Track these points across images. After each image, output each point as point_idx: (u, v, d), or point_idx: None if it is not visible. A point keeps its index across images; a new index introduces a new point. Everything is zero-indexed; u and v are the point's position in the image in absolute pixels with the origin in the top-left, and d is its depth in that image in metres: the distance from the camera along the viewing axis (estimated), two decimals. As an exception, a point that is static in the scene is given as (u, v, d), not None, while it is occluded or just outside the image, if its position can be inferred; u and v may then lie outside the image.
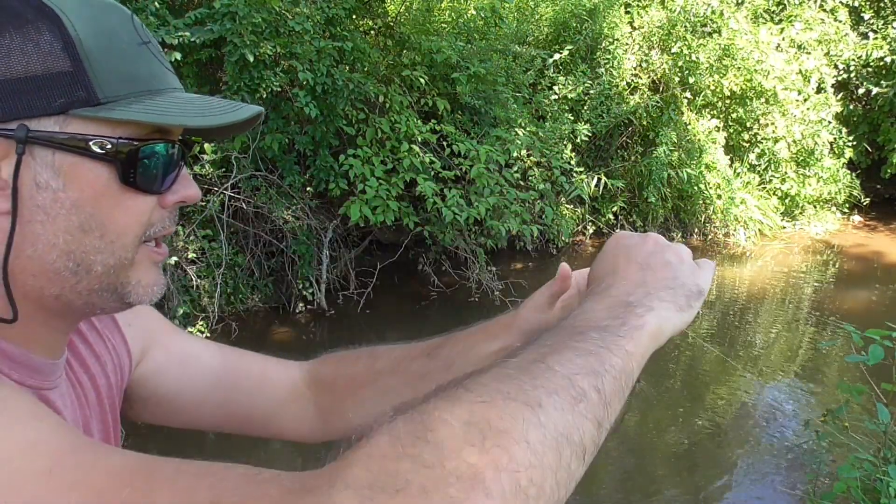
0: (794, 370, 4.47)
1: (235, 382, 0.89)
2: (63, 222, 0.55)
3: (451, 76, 5.54)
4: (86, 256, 0.57)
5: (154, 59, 0.59)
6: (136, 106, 0.55)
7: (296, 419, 0.94)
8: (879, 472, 2.18)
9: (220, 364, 0.89)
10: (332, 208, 5.24)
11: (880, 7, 9.55)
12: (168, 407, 0.86)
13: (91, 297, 0.59)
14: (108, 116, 0.54)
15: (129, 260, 0.59)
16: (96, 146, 0.54)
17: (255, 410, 0.91)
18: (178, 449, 2.38)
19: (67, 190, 0.54)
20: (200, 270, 4.27)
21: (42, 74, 0.52)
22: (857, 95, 9.57)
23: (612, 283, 0.62)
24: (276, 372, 0.93)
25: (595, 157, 7.48)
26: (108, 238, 0.57)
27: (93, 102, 0.54)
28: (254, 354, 0.94)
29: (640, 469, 3.16)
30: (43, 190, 0.54)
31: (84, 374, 0.70)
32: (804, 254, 7.59)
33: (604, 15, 7.36)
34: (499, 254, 5.94)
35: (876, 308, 5.81)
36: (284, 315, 4.87)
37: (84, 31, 0.54)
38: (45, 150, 0.53)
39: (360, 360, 0.92)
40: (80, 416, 0.67)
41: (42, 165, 0.53)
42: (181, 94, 0.60)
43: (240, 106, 0.62)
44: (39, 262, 0.55)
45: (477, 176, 5.05)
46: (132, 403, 0.82)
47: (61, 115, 0.53)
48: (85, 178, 0.55)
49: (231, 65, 4.17)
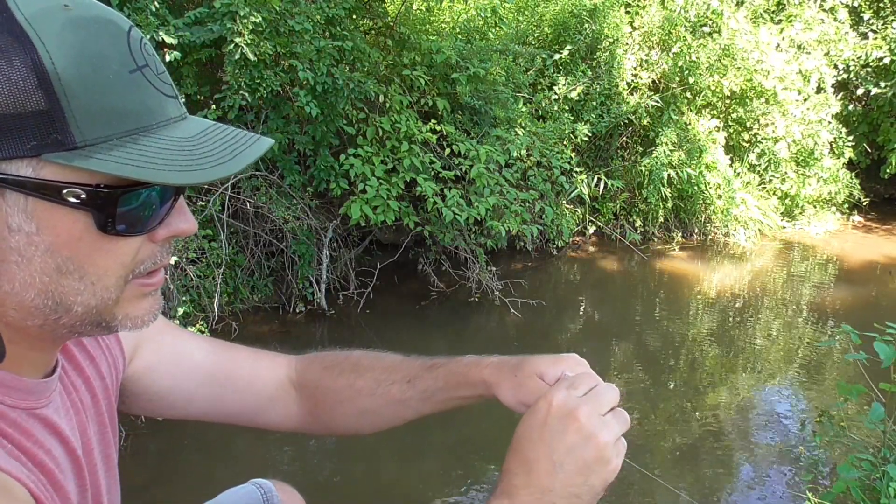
0: (793, 370, 4.48)
1: (225, 380, 0.90)
2: (39, 264, 0.51)
3: (451, 76, 5.55)
4: (64, 297, 0.53)
5: (148, 86, 0.53)
6: (118, 152, 0.49)
7: (283, 414, 0.95)
8: (879, 472, 2.18)
9: (212, 362, 0.89)
10: (332, 208, 5.24)
11: (880, 7, 9.55)
12: (160, 402, 0.86)
13: (75, 329, 0.57)
14: (82, 166, 0.48)
15: (112, 300, 0.56)
16: (70, 196, 0.50)
17: (244, 406, 0.92)
18: (178, 448, 2.40)
19: (41, 234, 0.51)
20: (200, 270, 4.27)
21: (13, 113, 0.47)
22: (857, 95, 9.57)
23: (519, 485, 0.66)
24: (265, 369, 0.93)
25: (595, 157, 7.48)
26: (89, 280, 0.54)
27: (69, 146, 0.48)
28: (244, 350, 0.95)
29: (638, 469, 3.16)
30: (16, 233, 0.50)
31: (79, 377, 0.71)
32: (804, 254, 7.59)
33: (604, 15, 7.36)
34: (499, 254, 5.95)
35: (876, 308, 5.81)
36: (284, 315, 4.87)
37: (64, 62, 0.48)
38: (16, 193, 0.49)
39: (343, 375, 0.92)
40: (77, 423, 0.67)
41: (14, 209, 0.49)
42: (176, 132, 0.54)
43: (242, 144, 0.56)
44: (18, 298, 0.53)
45: (477, 176, 5.05)
46: (125, 398, 0.83)
47: (34, 158, 0.48)
48: (60, 225, 0.51)
49: (231, 64, 4.17)
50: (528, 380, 0.78)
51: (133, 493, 2.87)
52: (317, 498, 2.92)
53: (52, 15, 0.49)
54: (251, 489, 1.06)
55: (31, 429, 0.58)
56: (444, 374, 0.86)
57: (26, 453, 0.56)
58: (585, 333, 5.16)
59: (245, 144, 0.57)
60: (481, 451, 3.33)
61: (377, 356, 0.94)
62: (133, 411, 0.86)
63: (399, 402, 0.89)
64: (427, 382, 0.87)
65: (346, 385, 0.91)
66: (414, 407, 0.89)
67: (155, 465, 3.13)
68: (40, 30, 0.48)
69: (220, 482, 1.09)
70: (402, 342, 4.59)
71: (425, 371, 0.88)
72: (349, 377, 0.91)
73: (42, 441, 0.59)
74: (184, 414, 0.90)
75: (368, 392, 0.90)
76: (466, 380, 0.84)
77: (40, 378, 0.61)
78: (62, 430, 0.62)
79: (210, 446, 3.31)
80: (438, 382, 0.86)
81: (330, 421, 0.94)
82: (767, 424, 3.71)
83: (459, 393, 0.85)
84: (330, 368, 0.93)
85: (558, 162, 5.99)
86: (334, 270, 5.22)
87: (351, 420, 0.93)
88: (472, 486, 3.05)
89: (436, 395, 0.86)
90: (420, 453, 3.36)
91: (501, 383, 0.80)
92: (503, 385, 0.80)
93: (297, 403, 0.94)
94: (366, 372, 0.91)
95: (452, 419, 3.62)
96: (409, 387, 0.87)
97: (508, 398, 0.79)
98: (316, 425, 0.96)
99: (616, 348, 4.83)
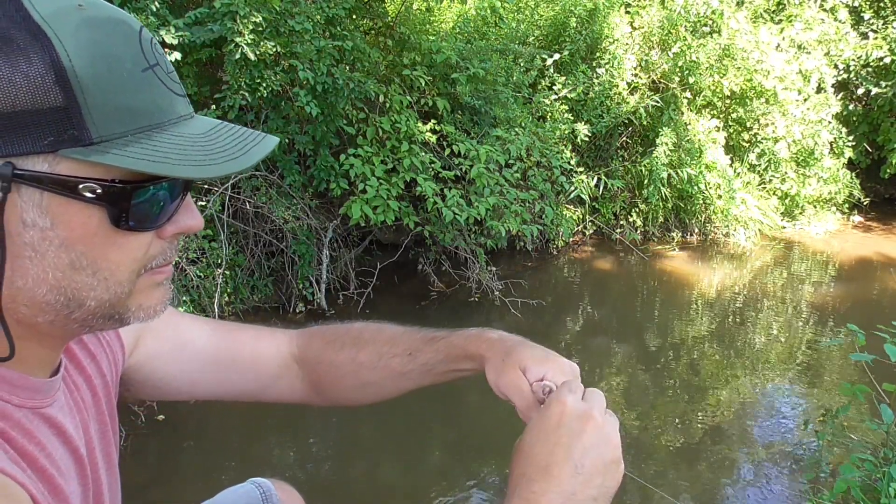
0: (794, 370, 4.47)
1: (230, 362, 0.91)
2: (52, 259, 0.52)
3: (451, 76, 5.55)
4: (77, 293, 0.54)
5: (160, 85, 0.54)
6: (133, 148, 0.50)
7: (287, 390, 0.96)
8: (880, 472, 2.18)
9: (214, 345, 0.90)
10: (332, 208, 5.24)
11: (880, 7, 9.55)
12: (165, 388, 0.87)
13: (86, 324, 0.57)
14: (99, 161, 0.49)
15: (125, 294, 0.57)
16: (86, 191, 0.50)
17: (249, 385, 0.93)
18: (178, 448, 2.40)
19: (56, 229, 0.51)
20: (200, 270, 4.27)
21: (31, 109, 0.47)
22: (857, 95, 9.57)
23: (539, 491, 0.64)
24: (266, 347, 0.94)
25: (595, 157, 7.48)
26: (101, 275, 0.54)
27: (85, 142, 0.49)
28: (245, 330, 0.96)
29: (638, 469, 3.16)
30: (30, 228, 0.51)
31: (80, 375, 0.71)
32: (804, 254, 7.59)
33: (604, 15, 7.36)
34: (499, 254, 5.94)
35: (876, 308, 5.81)
36: (284, 315, 4.87)
37: (81, 59, 0.49)
38: (32, 189, 0.49)
39: (345, 348, 0.93)
40: (80, 420, 0.67)
41: (29, 204, 0.50)
42: (187, 129, 0.55)
43: (250, 141, 0.57)
44: (30, 294, 0.53)
45: (477, 176, 5.05)
46: (129, 386, 0.83)
47: (51, 154, 0.49)
48: (75, 220, 0.51)
49: (231, 64, 4.17)
50: (510, 369, 0.78)
51: (133, 492, 2.87)
52: (317, 498, 2.92)
53: (68, 14, 0.49)
54: (250, 488, 1.06)
55: (34, 429, 0.58)
56: (445, 346, 0.87)
57: (28, 457, 0.56)
58: (585, 333, 5.15)
59: (254, 142, 0.58)
60: (481, 450, 3.32)
61: (378, 328, 0.95)
62: (139, 397, 0.87)
63: (400, 374, 0.90)
64: (428, 355, 0.88)
65: (349, 359, 0.92)
66: (415, 379, 0.90)
67: (155, 465, 3.13)
68: (57, 28, 0.48)
69: (220, 482, 1.10)
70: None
71: (426, 344, 0.89)
72: (351, 351, 0.92)
73: (44, 442, 0.59)
74: (188, 396, 0.91)
75: (370, 365, 0.91)
76: (466, 353, 0.85)
77: (46, 377, 0.61)
78: (66, 429, 0.63)
79: (210, 446, 3.31)
80: (439, 355, 0.87)
81: (333, 394, 0.95)
82: (768, 424, 3.71)
83: (459, 366, 0.87)
84: (332, 343, 0.94)
85: (558, 162, 5.99)
86: (334, 270, 5.22)
87: (353, 392, 0.94)
88: (472, 485, 3.05)
89: (436, 368, 0.88)
90: (420, 452, 3.36)
91: (490, 362, 0.81)
92: (490, 364, 0.81)
93: (300, 378, 0.95)
94: (367, 345, 0.92)
95: (452, 418, 3.62)
96: (410, 359, 0.89)
97: (491, 378, 0.81)
98: (319, 398, 0.97)
99: (616, 348, 4.82)
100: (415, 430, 3.54)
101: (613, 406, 3.83)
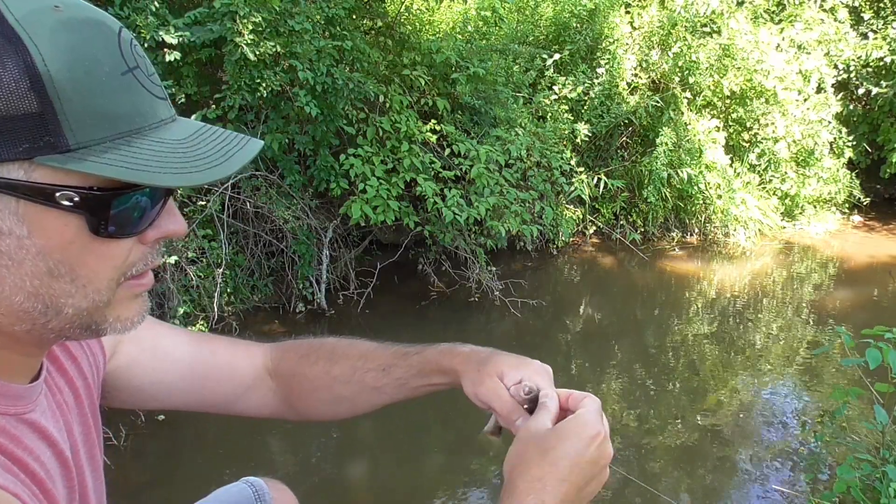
0: (793, 370, 4.48)
1: (204, 372, 0.92)
2: (30, 267, 0.51)
3: (451, 76, 5.55)
4: (55, 300, 0.53)
5: (140, 88, 0.52)
6: (112, 155, 0.49)
7: (259, 403, 0.97)
8: (879, 472, 2.18)
9: (191, 355, 0.91)
10: (332, 208, 5.24)
11: (880, 7, 9.55)
12: (141, 395, 0.88)
13: (63, 333, 0.56)
14: (77, 169, 0.48)
15: (103, 302, 0.56)
16: (63, 199, 0.49)
17: (221, 396, 0.94)
18: (178, 448, 2.40)
19: (33, 237, 0.50)
20: (200, 270, 4.27)
21: (4, 116, 0.46)
22: (857, 95, 9.57)
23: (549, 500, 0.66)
24: (242, 359, 0.95)
25: (595, 157, 7.48)
26: (80, 282, 0.53)
27: (62, 149, 0.47)
28: (221, 341, 0.96)
29: (638, 469, 3.16)
30: (6, 236, 0.49)
31: (62, 378, 0.71)
32: (804, 254, 7.59)
33: (604, 15, 7.36)
34: (499, 254, 5.94)
35: (876, 308, 5.81)
36: (284, 315, 4.87)
37: (57, 64, 0.47)
38: (7, 196, 0.48)
39: (319, 362, 0.94)
40: (63, 423, 0.67)
41: (5, 212, 0.49)
42: (168, 133, 0.54)
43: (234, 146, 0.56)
44: (7, 302, 0.52)
45: (477, 176, 5.05)
46: (106, 393, 0.83)
47: (27, 161, 0.48)
48: (52, 228, 0.50)
49: (231, 64, 4.17)
50: (487, 378, 0.79)
51: (133, 492, 2.88)
52: (315, 498, 2.93)
53: (44, 16, 0.48)
54: (243, 487, 1.07)
55: (20, 435, 0.58)
56: (419, 361, 0.88)
57: (18, 463, 0.56)
58: (585, 333, 5.16)
59: (237, 146, 0.56)
60: (480, 451, 3.32)
61: (351, 343, 0.96)
62: (114, 405, 0.87)
63: (374, 389, 0.91)
64: (401, 370, 0.89)
65: (323, 373, 0.93)
66: (388, 394, 0.91)
67: (155, 465, 3.13)
68: (32, 32, 0.47)
69: (220, 482, 1.10)
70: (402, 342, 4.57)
71: (399, 359, 0.90)
72: (325, 365, 0.93)
73: (31, 447, 0.59)
74: (162, 406, 0.92)
75: (344, 380, 0.91)
76: (439, 367, 0.86)
77: (27, 383, 0.61)
78: (50, 433, 0.62)
79: (210, 446, 3.31)
80: (412, 370, 0.88)
81: (305, 408, 0.96)
82: (767, 424, 3.71)
83: (432, 381, 0.88)
84: (306, 356, 0.95)
85: (558, 162, 5.99)
86: (334, 270, 5.22)
87: (326, 407, 0.95)
88: (472, 485, 3.05)
89: (410, 383, 0.89)
90: (418, 453, 3.36)
91: (465, 375, 0.82)
92: (466, 377, 0.82)
93: (272, 391, 0.96)
94: (341, 360, 0.93)
95: (452, 418, 3.62)
96: (384, 374, 0.90)
97: (469, 390, 0.82)
98: (291, 412, 0.98)
99: (616, 348, 4.83)
100: (414, 431, 3.54)
101: (613, 406, 3.83)
